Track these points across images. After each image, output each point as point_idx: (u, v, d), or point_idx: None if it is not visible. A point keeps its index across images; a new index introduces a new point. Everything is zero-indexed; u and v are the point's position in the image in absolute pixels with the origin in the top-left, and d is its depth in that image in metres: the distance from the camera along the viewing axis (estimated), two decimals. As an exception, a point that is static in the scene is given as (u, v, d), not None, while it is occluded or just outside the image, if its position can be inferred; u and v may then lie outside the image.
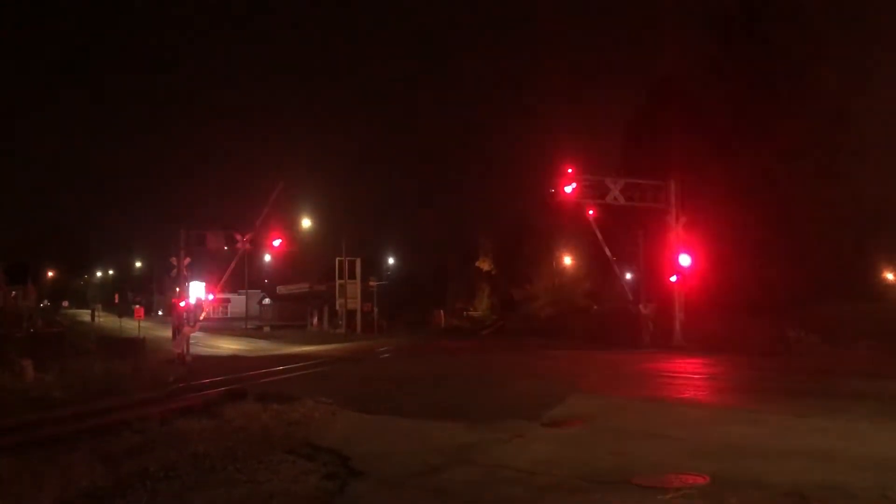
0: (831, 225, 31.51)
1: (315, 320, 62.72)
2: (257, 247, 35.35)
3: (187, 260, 31.85)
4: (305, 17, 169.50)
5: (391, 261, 79.09)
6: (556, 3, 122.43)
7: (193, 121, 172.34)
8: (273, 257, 67.14)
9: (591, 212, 32.72)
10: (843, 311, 27.27)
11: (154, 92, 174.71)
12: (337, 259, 55.47)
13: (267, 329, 60.86)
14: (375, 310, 56.16)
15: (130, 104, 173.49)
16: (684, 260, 30.47)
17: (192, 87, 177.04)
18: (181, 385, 21.05)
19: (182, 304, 31.71)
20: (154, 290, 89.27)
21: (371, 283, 57.74)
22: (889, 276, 33.49)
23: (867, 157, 31.53)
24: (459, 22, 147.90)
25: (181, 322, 31.10)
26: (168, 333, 34.83)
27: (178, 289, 32.40)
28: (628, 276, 38.02)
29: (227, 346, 43.10)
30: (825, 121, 32.17)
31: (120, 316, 56.96)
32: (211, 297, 39.93)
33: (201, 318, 37.02)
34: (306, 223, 45.88)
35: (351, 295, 55.69)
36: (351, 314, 55.81)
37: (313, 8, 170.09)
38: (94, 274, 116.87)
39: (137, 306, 54.68)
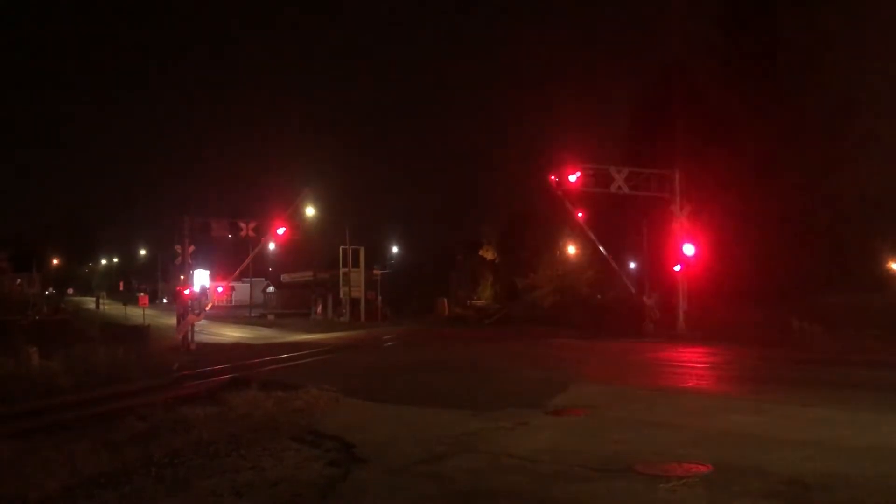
0: (836, 215, 31.42)
1: (319, 309, 62.75)
2: (263, 235, 35.44)
3: (192, 248, 31.92)
4: (312, 8, 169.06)
5: (395, 249, 79.20)
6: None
7: (199, 110, 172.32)
8: (277, 246, 67.24)
9: (580, 213, 33.03)
10: (847, 301, 27.20)
11: (160, 82, 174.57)
12: (341, 247, 55.48)
13: (271, 317, 60.97)
14: (379, 298, 56.17)
15: (136, 94, 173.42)
16: (688, 249, 30.43)
17: (198, 78, 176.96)
18: (185, 372, 21.18)
19: (186, 291, 31.83)
20: (158, 278, 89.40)
21: (375, 272, 57.77)
22: (894, 265, 33.39)
23: (873, 147, 31.38)
24: (464, 12, 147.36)
25: (185, 309, 31.24)
26: (172, 321, 34.95)
27: (182, 276, 32.51)
28: (632, 265, 37.98)
29: (231, 333, 43.21)
30: (830, 109, 32.00)
31: (124, 303, 57.17)
32: (220, 288, 40.46)
33: (207, 308, 37.24)
34: (310, 212, 45.87)
35: (355, 283, 55.71)
36: (354, 302, 55.84)
37: (316, 2, 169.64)
38: (99, 261, 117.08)
39: (142, 294, 54.88)
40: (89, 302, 76.67)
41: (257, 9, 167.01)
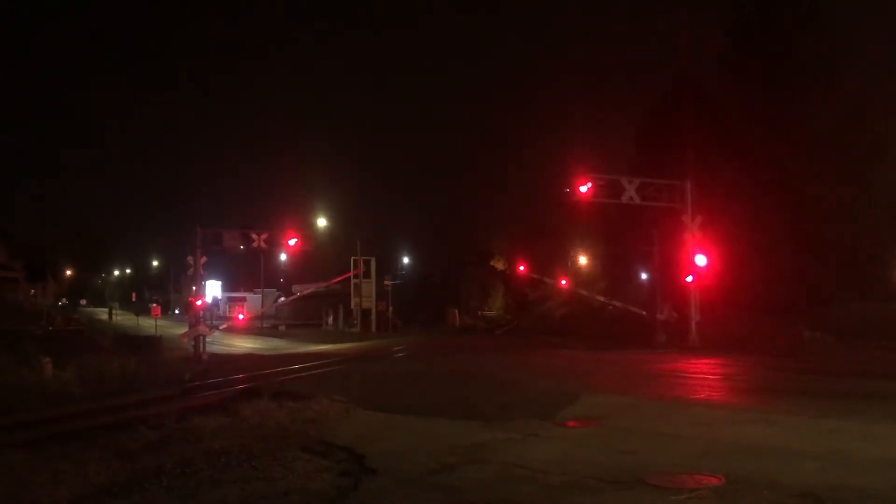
0: (848, 225, 31.27)
1: (330, 319, 62.88)
2: (274, 246, 35.76)
3: (204, 259, 32.10)
4: (322, 22, 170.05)
5: (406, 260, 79.22)
6: (570, 4, 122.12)
7: (213, 124, 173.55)
8: (288, 256, 67.53)
9: (521, 266, 34.16)
10: (859, 312, 27.06)
11: (175, 94, 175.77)
12: (352, 258, 55.58)
13: (282, 328, 61.08)
14: (390, 309, 56.22)
15: (150, 106, 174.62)
16: (700, 260, 30.31)
17: (212, 91, 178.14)
18: (197, 383, 21.25)
19: (199, 302, 32.02)
20: (171, 289, 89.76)
21: (386, 283, 57.82)
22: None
23: (884, 157, 31.28)
24: (473, 25, 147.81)
25: (197, 320, 31.42)
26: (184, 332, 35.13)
27: (194, 287, 32.70)
28: (643, 276, 37.90)
29: (243, 344, 43.31)
30: (842, 120, 31.92)
31: (137, 314, 57.50)
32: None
33: (223, 327, 37.64)
34: (322, 223, 46.12)
35: (366, 294, 55.80)
36: (366, 313, 55.92)
37: (332, 13, 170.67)
38: (112, 272, 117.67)
39: (154, 304, 55.16)
40: (102, 312, 77.11)
41: (272, 26, 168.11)
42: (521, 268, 37.93)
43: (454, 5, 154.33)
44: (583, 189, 30.60)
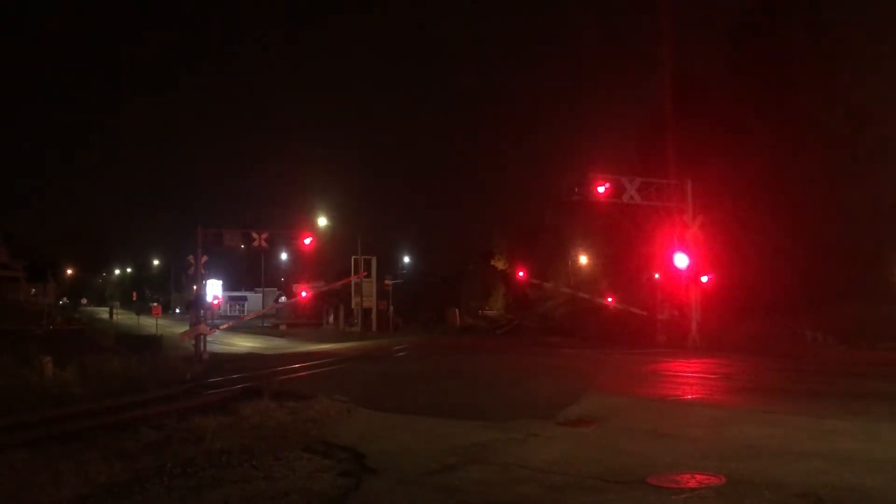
0: (849, 226, 31.25)
1: (331, 318, 62.89)
2: (275, 245, 35.80)
3: (205, 258, 32.09)
4: (323, 23, 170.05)
5: (406, 259, 79.30)
6: (569, 4, 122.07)
7: (213, 123, 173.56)
8: (290, 256, 67.65)
9: (521, 272, 34.23)
10: (861, 313, 27.04)
11: (176, 93, 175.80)
12: (353, 258, 55.58)
13: (283, 327, 61.09)
14: (391, 308, 56.22)
15: (151, 105, 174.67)
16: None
17: (212, 90, 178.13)
18: (198, 382, 21.23)
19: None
20: (171, 288, 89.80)
21: (387, 282, 57.83)
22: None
23: (886, 158, 31.25)
24: (473, 26, 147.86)
25: (198, 319, 31.43)
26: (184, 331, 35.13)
27: (195, 287, 32.71)
28: (644, 276, 37.85)
29: (244, 343, 43.28)
30: (843, 120, 31.90)
31: (137, 313, 57.50)
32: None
33: (223, 327, 37.67)
34: (322, 222, 46.07)
35: (366, 293, 55.78)
36: (366, 313, 55.91)
37: (332, 16, 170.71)
38: (113, 272, 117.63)
39: (155, 304, 55.14)
40: (103, 312, 77.06)
41: (276, 24, 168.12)
42: (521, 273, 38.03)
43: (454, 6, 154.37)
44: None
